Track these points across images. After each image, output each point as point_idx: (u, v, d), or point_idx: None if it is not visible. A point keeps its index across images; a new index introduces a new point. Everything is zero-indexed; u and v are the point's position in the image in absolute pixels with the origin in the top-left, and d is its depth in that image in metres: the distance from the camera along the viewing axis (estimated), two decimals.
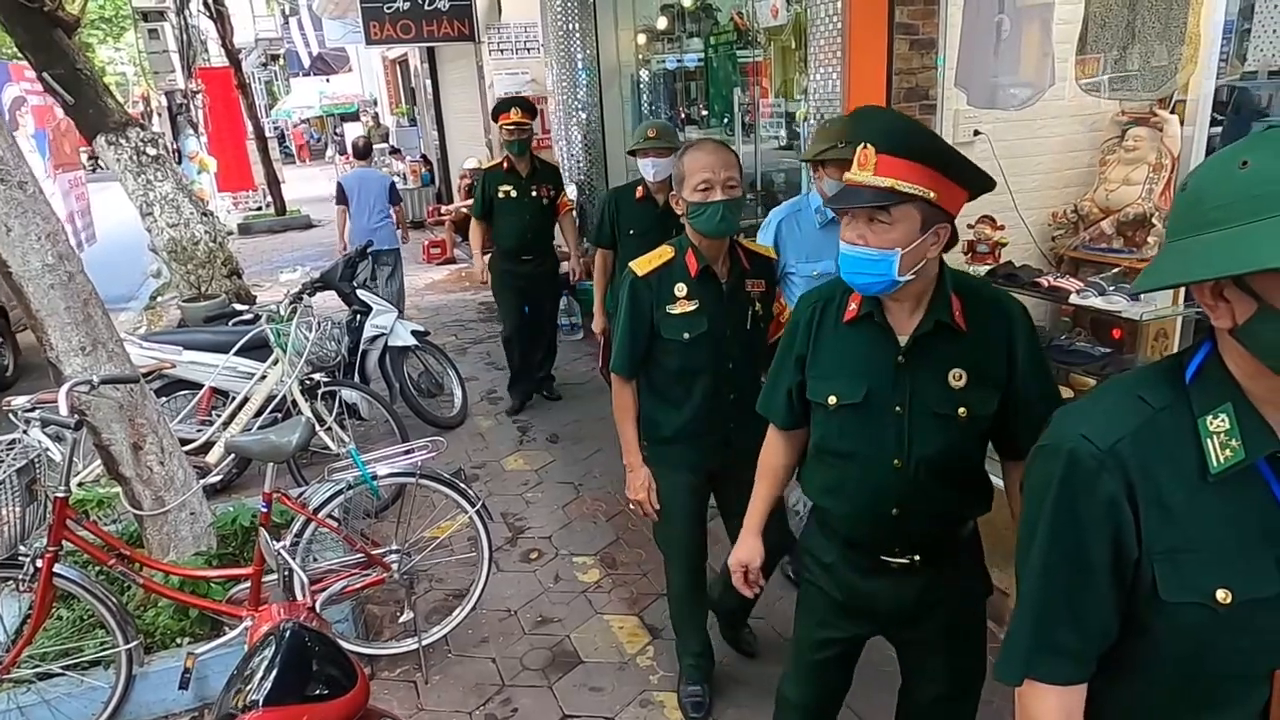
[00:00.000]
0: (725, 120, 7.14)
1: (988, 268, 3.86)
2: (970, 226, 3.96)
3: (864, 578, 1.76)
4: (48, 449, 2.61)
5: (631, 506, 2.61)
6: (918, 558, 1.70)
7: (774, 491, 1.96)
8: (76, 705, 2.69)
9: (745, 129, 6.72)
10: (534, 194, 4.99)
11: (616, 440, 5.19)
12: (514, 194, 4.94)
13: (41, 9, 4.95)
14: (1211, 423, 0.96)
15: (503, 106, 4.92)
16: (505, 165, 5.00)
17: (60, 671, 2.70)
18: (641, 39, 7.82)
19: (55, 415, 2.56)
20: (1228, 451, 0.95)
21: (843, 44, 3.80)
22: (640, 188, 4.09)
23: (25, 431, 2.57)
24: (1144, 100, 3.72)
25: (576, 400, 5.62)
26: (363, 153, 7.94)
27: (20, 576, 2.58)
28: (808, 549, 1.88)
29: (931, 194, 1.47)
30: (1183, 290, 3.63)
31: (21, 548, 2.54)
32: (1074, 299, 3.45)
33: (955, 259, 3.97)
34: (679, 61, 7.33)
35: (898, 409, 1.61)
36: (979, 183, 1.57)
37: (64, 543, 2.61)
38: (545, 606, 3.38)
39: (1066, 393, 3.89)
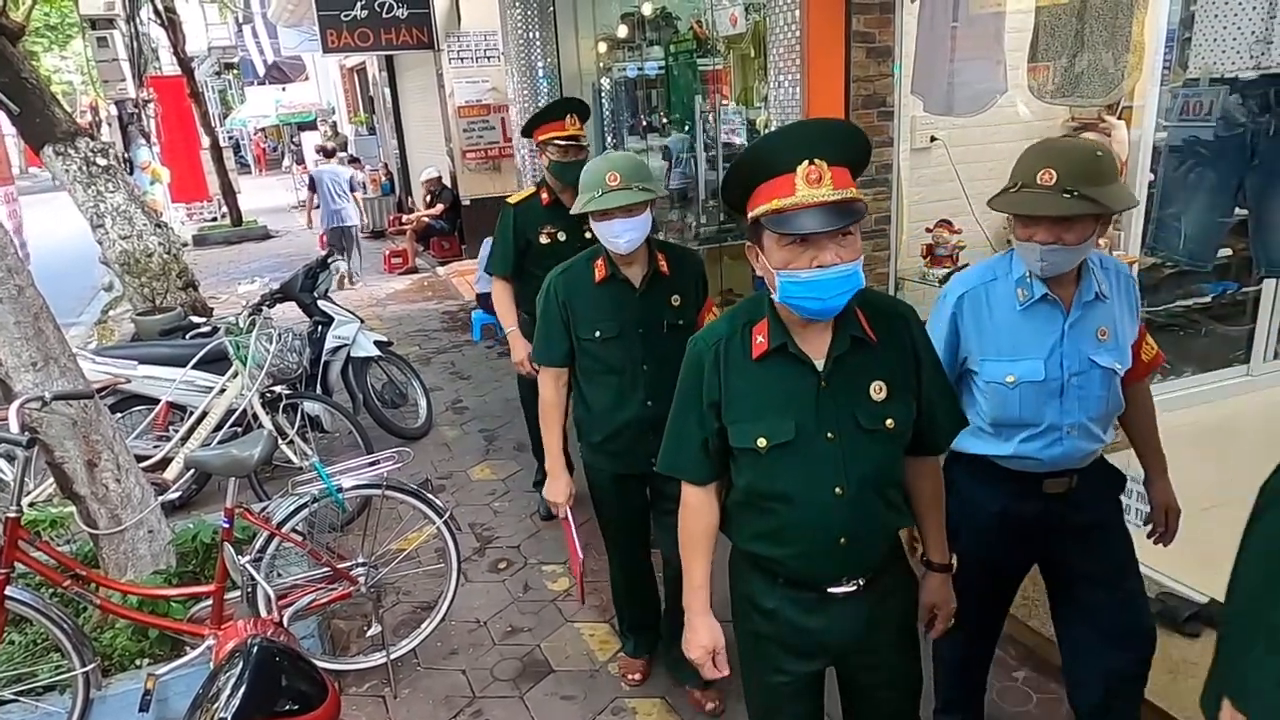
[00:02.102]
0: (686, 128, 7.19)
1: (946, 270, 3.94)
2: (928, 230, 4.05)
3: (811, 614, 1.66)
4: None
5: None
6: (862, 582, 1.64)
7: (708, 560, 1.74)
8: None
9: (707, 137, 6.77)
10: (591, 238, 3.35)
11: None
12: (563, 238, 3.41)
13: None
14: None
15: (551, 113, 3.46)
16: (546, 199, 3.47)
17: (13, 698, 2.61)
18: (602, 47, 7.84)
19: (6, 433, 2.49)
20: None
21: (801, 52, 3.85)
22: (600, 263, 2.45)
23: None
24: (1092, 106, 3.84)
25: None
26: (329, 153, 11.40)
27: None
28: (745, 596, 1.74)
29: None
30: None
31: None
32: None
33: (915, 263, 4.06)
34: (640, 69, 7.37)
35: (829, 436, 1.55)
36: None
37: (15, 564, 2.53)
38: (515, 616, 3.36)
39: None
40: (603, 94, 8.10)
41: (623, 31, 7.36)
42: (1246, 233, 2.62)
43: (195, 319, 5.43)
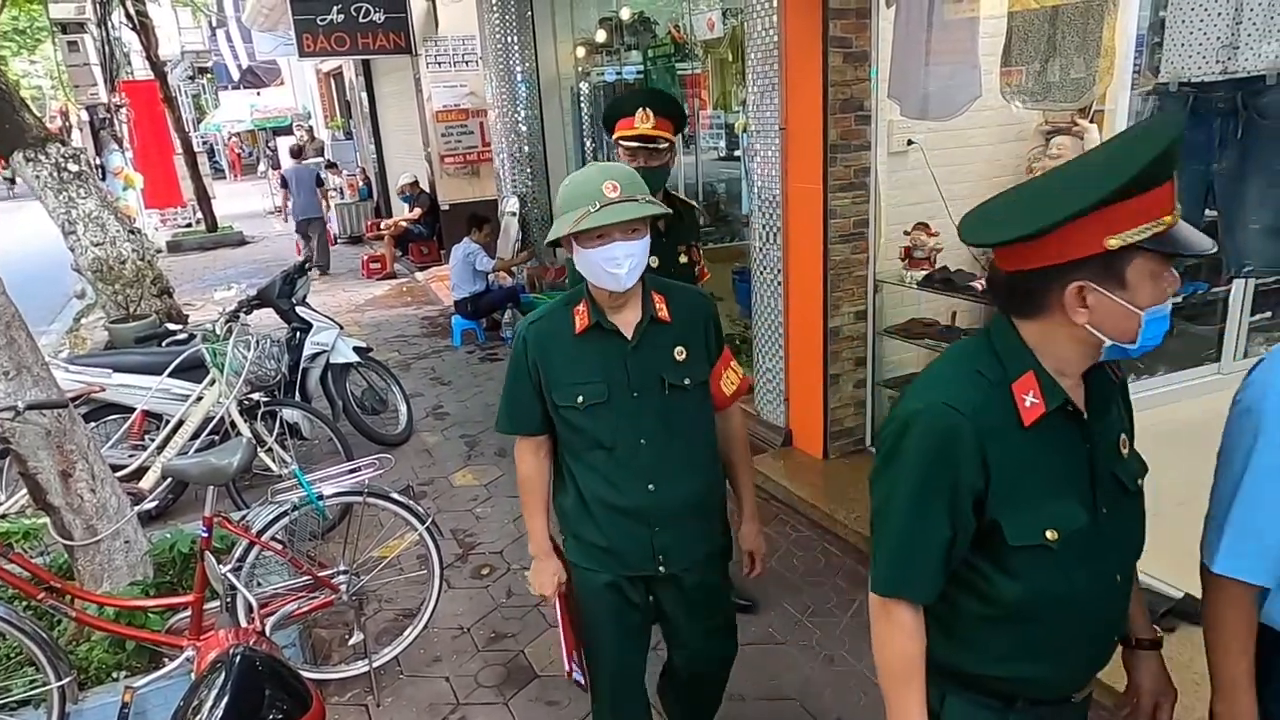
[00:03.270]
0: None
1: (924, 273, 3.98)
2: (906, 233, 4.09)
3: None
4: None
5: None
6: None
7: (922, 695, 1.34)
8: None
9: (685, 140, 6.79)
10: (680, 260, 2.93)
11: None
12: (651, 266, 2.53)
13: None
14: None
15: (622, 105, 2.83)
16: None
17: None
18: (580, 51, 7.85)
19: None
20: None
21: (779, 57, 3.88)
22: (580, 309, 1.92)
23: None
24: (1065, 110, 3.90)
25: None
26: (296, 154, 12.54)
27: None
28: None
29: None
30: None
31: None
32: None
33: (893, 265, 4.10)
34: (618, 74, 7.38)
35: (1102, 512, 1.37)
36: None
37: None
38: (498, 622, 3.34)
39: None
40: (581, 98, 8.12)
41: (601, 36, 7.37)
42: (1216, 234, 2.67)
43: (171, 326, 5.36)
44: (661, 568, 1.95)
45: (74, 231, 5.91)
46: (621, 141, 2.77)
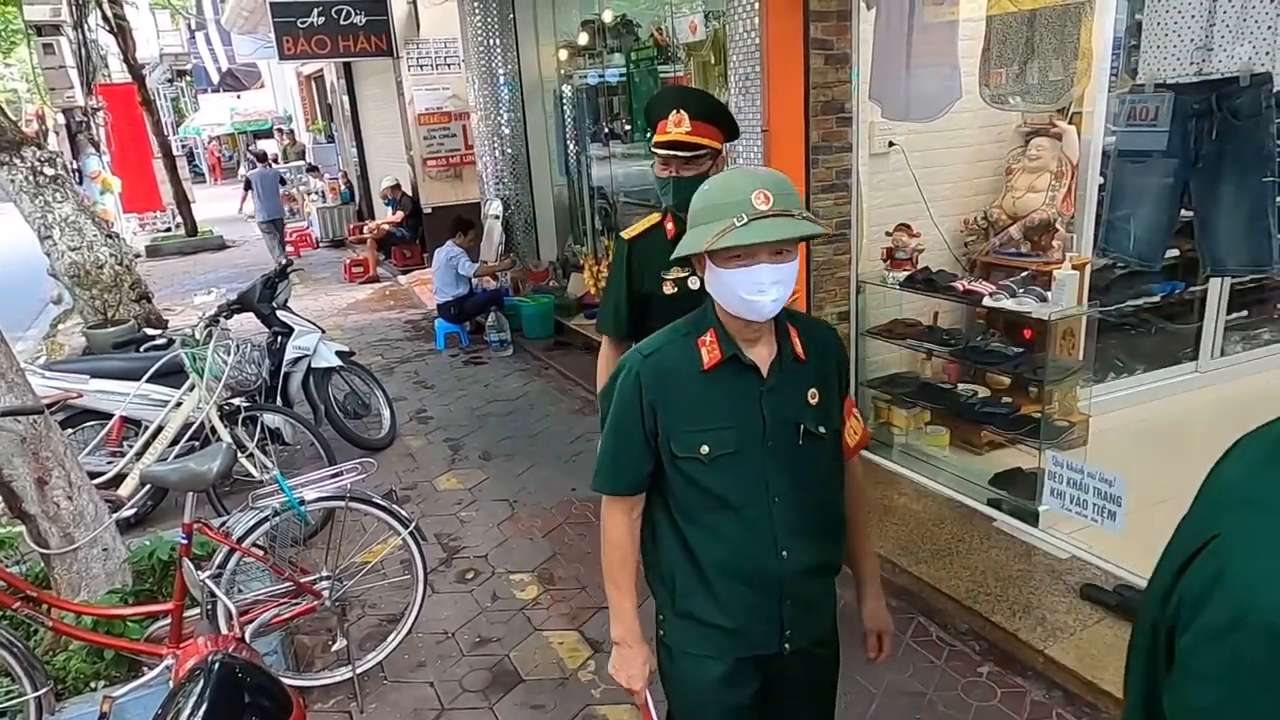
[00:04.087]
0: (648, 135, 7.21)
1: (906, 274, 4.01)
2: (888, 234, 4.11)
3: None
4: None
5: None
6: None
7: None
8: None
9: None
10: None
11: (550, 455, 5.17)
12: (695, 285, 2.30)
13: None
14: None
15: (655, 106, 2.49)
16: (672, 230, 2.43)
17: None
18: (563, 54, 7.85)
19: None
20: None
21: (761, 59, 3.89)
22: (707, 339, 1.60)
23: None
24: (1044, 111, 3.94)
25: (509, 416, 5.57)
26: (261, 159, 13.68)
27: None
28: None
29: None
30: (1086, 291, 3.84)
31: None
32: (987, 301, 3.62)
33: (875, 266, 4.12)
34: (601, 76, 7.38)
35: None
36: None
37: None
38: (483, 626, 3.33)
39: (984, 391, 4.05)
40: (564, 101, 8.11)
41: (584, 38, 7.37)
42: (1193, 234, 2.71)
43: (149, 331, 5.30)
44: (787, 644, 1.65)
45: (50, 236, 5.84)
46: (655, 148, 2.43)
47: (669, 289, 2.38)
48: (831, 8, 3.65)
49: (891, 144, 4.12)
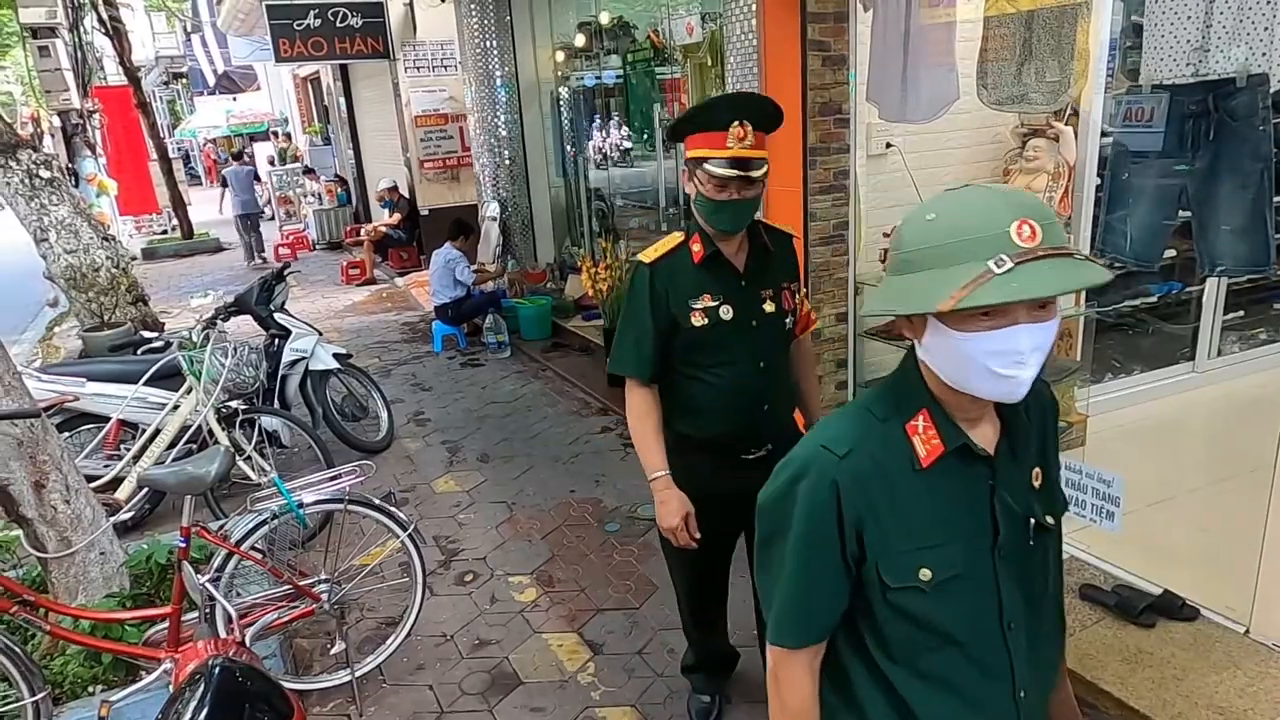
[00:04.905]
0: (645, 136, 7.22)
1: None
2: (886, 235, 4.12)
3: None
4: None
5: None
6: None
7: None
8: None
9: (665, 145, 6.80)
10: (766, 309, 2.20)
11: (548, 457, 5.16)
12: (727, 315, 2.16)
13: None
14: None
15: (710, 116, 2.06)
16: (700, 252, 2.17)
17: None
18: (560, 56, 7.85)
19: None
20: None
21: (758, 60, 3.90)
22: (919, 424, 1.18)
23: None
24: (1040, 113, 3.94)
25: (506, 418, 5.56)
26: (237, 157, 14.58)
27: None
28: None
29: None
30: (1084, 291, 3.84)
31: None
32: None
33: (874, 267, 4.13)
34: (598, 78, 7.39)
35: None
36: None
37: None
38: (482, 629, 3.32)
39: None
40: (561, 103, 8.12)
41: (580, 40, 7.38)
42: (1190, 234, 2.71)
43: (146, 334, 5.29)
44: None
45: (46, 239, 5.83)
46: (709, 164, 2.01)
47: (698, 320, 2.14)
48: (829, 9, 3.65)
49: (889, 145, 4.13)
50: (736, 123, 1.99)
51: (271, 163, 16.68)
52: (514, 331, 7.16)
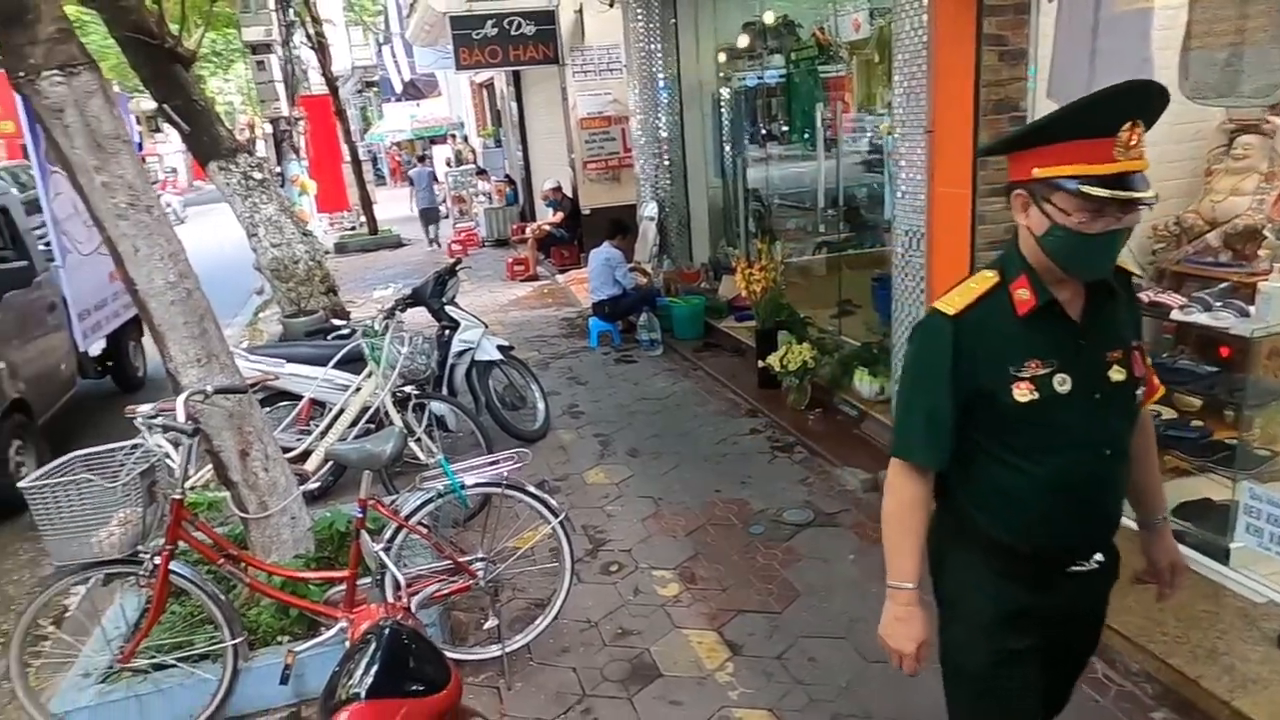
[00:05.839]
0: (806, 136, 7.11)
1: None
2: None
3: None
4: (167, 454, 2.78)
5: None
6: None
7: None
8: (187, 696, 2.85)
9: (827, 144, 6.67)
10: (1113, 377, 1.63)
11: (696, 455, 5.18)
12: (1068, 387, 1.58)
13: (163, 45, 5.31)
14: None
15: (1087, 119, 1.55)
16: (1030, 300, 1.59)
17: (174, 663, 2.88)
18: (722, 57, 7.87)
19: (174, 422, 2.75)
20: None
21: (928, 56, 3.75)
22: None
23: (147, 437, 2.76)
24: (1254, 107, 3.55)
25: (656, 415, 5.65)
26: (420, 159, 16.12)
27: (140, 573, 2.78)
28: None
29: None
30: None
31: (140, 546, 2.73)
32: (1176, 314, 3.31)
33: None
34: (760, 78, 7.35)
35: None
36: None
37: (179, 542, 2.79)
38: (625, 619, 3.41)
39: (1169, 413, 3.72)
40: (721, 103, 8.13)
41: (743, 41, 7.36)
42: None
43: (335, 322, 5.80)
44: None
45: (256, 234, 6.49)
46: (1082, 187, 1.47)
47: (1023, 394, 1.58)
48: (1008, 1, 3.46)
49: None
50: (1130, 122, 1.52)
51: (448, 164, 17.76)
52: (667, 330, 7.26)
